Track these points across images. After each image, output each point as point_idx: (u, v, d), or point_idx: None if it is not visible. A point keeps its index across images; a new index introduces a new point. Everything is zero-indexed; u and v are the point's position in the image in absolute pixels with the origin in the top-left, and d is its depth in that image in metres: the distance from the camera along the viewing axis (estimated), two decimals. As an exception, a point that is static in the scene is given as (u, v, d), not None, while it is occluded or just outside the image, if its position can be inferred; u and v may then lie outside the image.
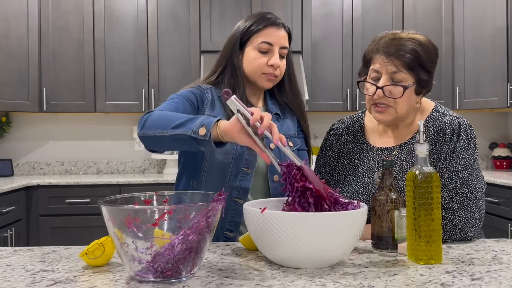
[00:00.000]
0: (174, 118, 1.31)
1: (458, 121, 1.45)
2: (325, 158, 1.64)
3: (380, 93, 1.41)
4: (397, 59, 1.38)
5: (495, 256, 1.20)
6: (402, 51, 1.38)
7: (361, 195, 1.50)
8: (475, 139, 1.44)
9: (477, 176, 1.40)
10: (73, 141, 4.28)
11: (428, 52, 1.41)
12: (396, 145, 1.51)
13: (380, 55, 1.41)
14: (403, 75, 1.39)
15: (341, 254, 1.10)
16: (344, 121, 1.67)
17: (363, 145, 1.57)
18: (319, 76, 4.04)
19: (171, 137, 1.28)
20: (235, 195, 1.52)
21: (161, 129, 1.31)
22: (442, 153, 1.42)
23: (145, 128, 1.35)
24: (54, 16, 3.88)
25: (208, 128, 1.21)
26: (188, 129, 1.25)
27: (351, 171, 1.56)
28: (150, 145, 1.38)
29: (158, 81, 3.93)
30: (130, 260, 0.99)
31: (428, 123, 1.47)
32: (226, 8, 3.97)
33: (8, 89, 3.74)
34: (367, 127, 1.59)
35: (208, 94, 1.55)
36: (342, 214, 1.07)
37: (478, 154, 1.45)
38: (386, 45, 1.40)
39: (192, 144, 1.25)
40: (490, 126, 4.39)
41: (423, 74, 1.40)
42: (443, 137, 1.43)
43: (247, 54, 1.54)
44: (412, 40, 1.39)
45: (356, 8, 4.04)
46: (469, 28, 3.89)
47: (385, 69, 1.40)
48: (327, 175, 1.63)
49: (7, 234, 3.27)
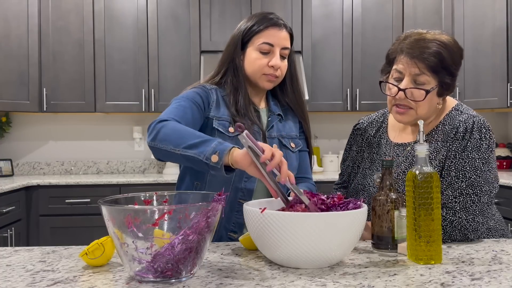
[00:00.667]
0: (187, 136, 1.30)
1: (473, 120, 1.42)
2: (349, 152, 1.67)
3: (401, 95, 1.40)
4: (421, 62, 1.36)
5: (495, 256, 1.20)
6: (426, 54, 1.35)
7: (372, 188, 1.51)
8: (489, 140, 1.39)
9: (486, 179, 1.36)
10: (73, 141, 4.28)
11: (452, 54, 1.38)
12: (412, 141, 1.51)
13: (404, 56, 1.39)
14: (426, 78, 1.37)
15: (341, 254, 1.10)
16: (370, 117, 1.69)
17: (383, 140, 1.58)
18: (319, 76, 4.04)
19: (183, 156, 1.28)
20: (240, 196, 1.52)
21: (173, 145, 1.30)
22: (453, 151, 1.40)
23: (157, 141, 1.34)
24: (54, 16, 3.88)
25: (221, 157, 1.21)
26: (200, 153, 1.24)
27: (369, 165, 1.57)
28: (160, 156, 1.38)
29: (158, 81, 3.93)
30: (130, 260, 0.99)
31: (445, 121, 1.46)
32: (226, 8, 3.97)
33: (8, 89, 3.74)
34: (390, 123, 1.61)
35: (213, 94, 1.54)
36: (342, 214, 1.07)
37: (492, 156, 1.40)
38: (411, 46, 1.38)
39: (202, 167, 1.26)
40: (490, 126, 4.38)
41: (447, 77, 1.38)
42: (455, 135, 1.41)
43: (248, 55, 1.54)
44: (436, 42, 1.37)
45: (356, 8, 4.04)
46: (469, 28, 3.89)
47: (408, 70, 1.38)
48: (349, 168, 1.65)
49: (7, 234, 3.27)
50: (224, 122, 1.51)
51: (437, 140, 1.44)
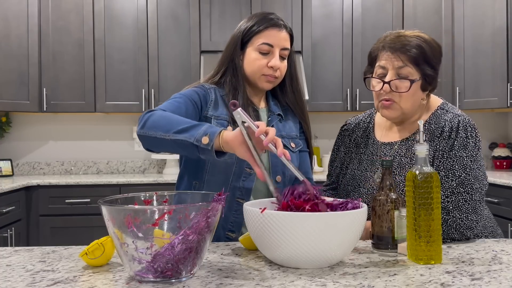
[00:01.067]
0: (176, 122, 1.30)
1: (459, 119, 1.44)
2: (337, 153, 1.68)
3: (387, 88, 1.43)
4: (403, 54, 1.41)
5: (495, 256, 1.20)
6: (408, 46, 1.41)
7: (362, 189, 1.51)
8: (475, 138, 1.41)
9: (475, 176, 1.38)
10: (73, 141, 4.28)
11: (433, 49, 1.43)
12: (398, 140, 1.52)
13: (386, 51, 1.44)
14: (409, 70, 1.41)
15: (341, 254, 1.10)
16: (356, 118, 1.70)
17: (370, 140, 1.59)
18: (319, 76, 4.04)
19: (173, 141, 1.28)
20: (238, 196, 1.52)
21: (163, 131, 1.30)
22: (440, 151, 1.41)
23: (146, 128, 1.34)
24: (54, 16, 3.88)
25: (212, 138, 1.21)
26: (191, 136, 1.24)
27: (356, 165, 1.58)
28: (149, 145, 1.38)
29: (158, 81, 3.94)
30: (130, 260, 0.99)
31: (431, 120, 1.48)
32: (226, 8, 3.97)
33: (8, 89, 3.74)
34: (376, 123, 1.62)
35: (211, 93, 1.54)
36: (342, 214, 1.07)
37: (479, 153, 1.41)
38: (393, 41, 1.43)
39: (192, 151, 1.25)
40: (490, 126, 4.39)
41: (429, 70, 1.42)
42: (441, 134, 1.43)
43: (248, 55, 1.54)
44: (417, 37, 1.43)
45: (356, 8, 4.04)
46: (469, 28, 3.89)
47: (391, 64, 1.42)
48: (338, 169, 1.66)
49: (7, 234, 3.27)
50: (223, 122, 1.51)
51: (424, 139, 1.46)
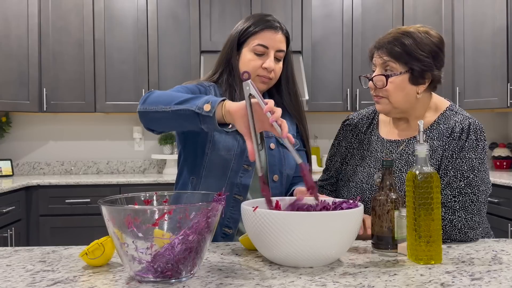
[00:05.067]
0: (178, 96, 1.31)
1: (469, 121, 1.45)
2: (338, 148, 1.67)
3: (371, 85, 1.48)
4: (382, 50, 1.45)
5: (495, 256, 1.20)
6: (388, 43, 1.44)
7: (365, 185, 1.51)
8: (484, 141, 1.43)
9: (482, 179, 1.39)
10: (73, 141, 4.28)
11: (417, 41, 1.42)
12: (405, 138, 1.52)
13: (375, 50, 1.48)
14: (392, 65, 1.43)
15: (338, 253, 1.10)
16: (360, 112, 1.70)
17: (374, 137, 1.59)
18: (319, 76, 4.04)
19: (174, 112, 1.28)
20: (235, 192, 1.52)
21: (164, 104, 1.30)
22: (450, 151, 1.42)
23: (147, 103, 1.34)
24: (54, 16, 3.88)
25: (214, 105, 1.22)
26: (192, 104, 1.25)
27: (359, 161, 1.58)
28: (149, 122, 1.38)
29: (158, 81, 3.94)
30: (130, 260, 0.99)
31: (440, 120, 1.49)
32: (226, 8, 3.97)
33: (8, 89, 3.74)
34: (381, 119, 1.62)
35: (211, 91, 1.56)
36: (338, 213, 1.07)
37: (486, 157, 1.43)
38: (379, 40, 1.47)
39: (194, 121, 1.25)
40: (490, 126, 4.39)
41: (415, 64, 1.42)
42: (452, 135, 1.44)
43: (243, 56, 1.56)
44: (400, 33, 1.45)
45: (356, 8, 4.04)
46: (469, 28, 3.89)
47: (377, 62, 1.47)
48: (337, 164, 1.65)
49: (7, 234, 3.27)
50: None
51: (433, 138, 1.46)
